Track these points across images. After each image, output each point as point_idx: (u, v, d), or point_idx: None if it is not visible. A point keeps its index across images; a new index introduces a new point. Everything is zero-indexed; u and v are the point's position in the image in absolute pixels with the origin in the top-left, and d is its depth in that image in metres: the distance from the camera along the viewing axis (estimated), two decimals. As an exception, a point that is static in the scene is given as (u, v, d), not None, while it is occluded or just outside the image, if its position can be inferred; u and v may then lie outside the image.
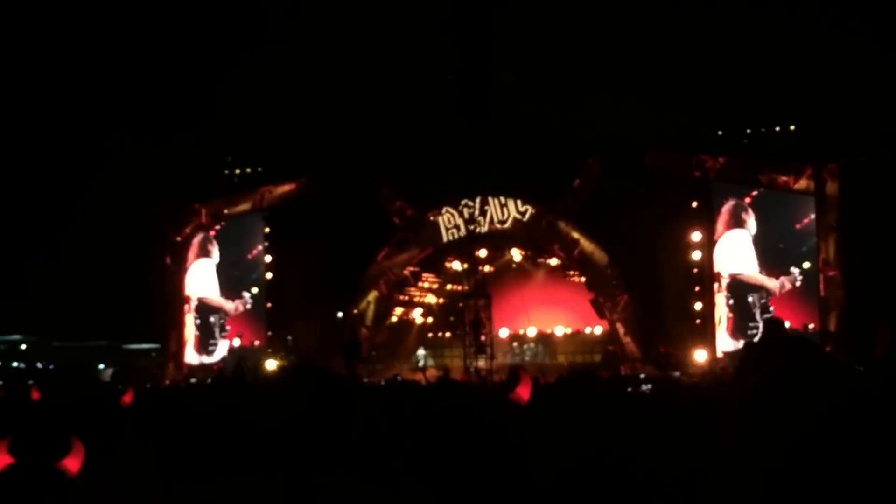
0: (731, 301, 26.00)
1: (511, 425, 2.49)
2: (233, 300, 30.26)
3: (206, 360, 29.91)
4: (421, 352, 31.96)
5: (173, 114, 27.02)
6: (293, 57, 27.04)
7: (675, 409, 5.44)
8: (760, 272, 25.67)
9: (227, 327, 30.11)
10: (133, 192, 27.52)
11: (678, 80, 24.97)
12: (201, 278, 30.35)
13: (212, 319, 30.17)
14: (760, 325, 25.06)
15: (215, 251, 30.41)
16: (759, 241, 25.94)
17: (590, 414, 5.51)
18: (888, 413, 1.27)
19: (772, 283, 25.41)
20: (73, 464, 3.39)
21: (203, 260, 30.42)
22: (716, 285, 26.39)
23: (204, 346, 30.08)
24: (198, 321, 30.24)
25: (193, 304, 30.37)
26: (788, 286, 25.20)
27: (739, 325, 25.64)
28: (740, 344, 24.93)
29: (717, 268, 26.37)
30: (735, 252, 26.08)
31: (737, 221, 26.19)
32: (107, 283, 26.95)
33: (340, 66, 27.01)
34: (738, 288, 25.96)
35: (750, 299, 25.58)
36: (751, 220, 25.90)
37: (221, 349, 29.99)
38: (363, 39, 26.74)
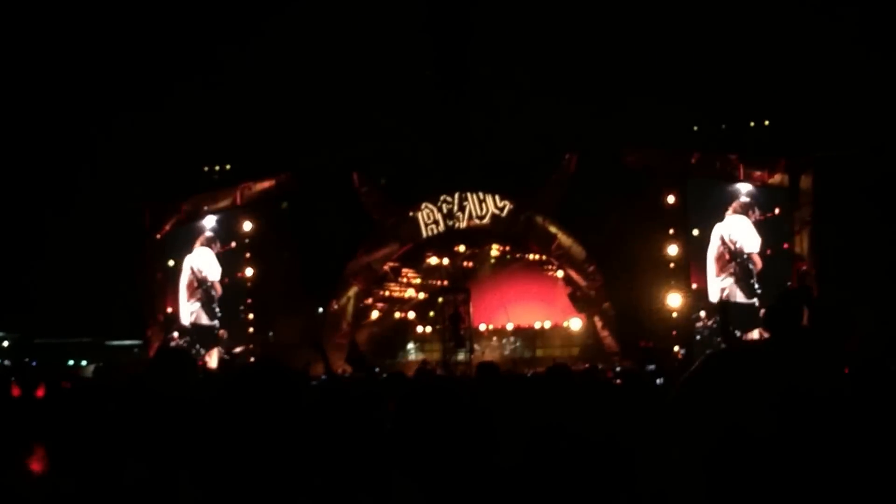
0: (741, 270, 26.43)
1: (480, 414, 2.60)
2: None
3: (207, 322, 30.21)
4: (411, 346, 32.18)
5: (153, 110, 27.03)
6: (273, 52, 27.12)
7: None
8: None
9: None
10: (113, 189, 27.52)
11: (654, 76, 25.17)
12: (206, 262, 30.49)
13: (213, 293, 30.36)
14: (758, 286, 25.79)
15: (213, 243, 30.56)
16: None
17: (567, 404, 5.73)
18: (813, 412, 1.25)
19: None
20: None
21: (205, 248, 30.53)
22: (725, 257, 26.64)
23: (211, 312, 30.22)
24: (204, 297, 30.43)
25: (202, 282, 30.51)
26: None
27: (747, 285, 26.07)
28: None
29: (739, 245, 26.55)
30: (746, 234, 26.49)
31: (742, 210, 26.63)
32: (88, 279, 26.96)
33: (320, 61, 27.09)
34: (746, 263, 26.41)
35: (751, 267, 26.20)
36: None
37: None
38: (342, 34, 26.84)
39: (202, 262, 30.41)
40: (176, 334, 30.20)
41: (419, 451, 2.36)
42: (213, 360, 29.25)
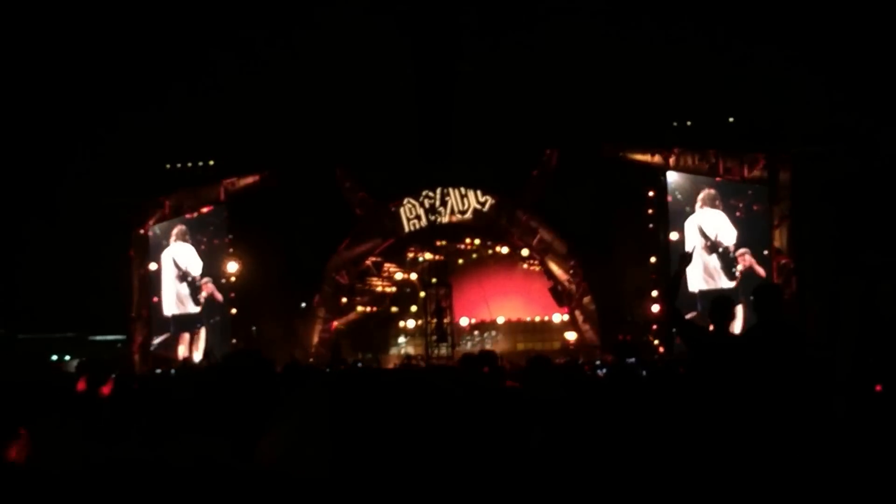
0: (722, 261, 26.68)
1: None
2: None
3: (193, 310, 30.41)
4: (393, 340, 32.35)
5: (138, 107, 27.06)
6: (254, 49, 27.15)
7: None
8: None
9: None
10: (96, 184, 27.55)
11: (634, 72, 25.32)
12: (188, 257, 30.54)
13: (197, 285, 30.43)
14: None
15: (191, 240, 30.64)
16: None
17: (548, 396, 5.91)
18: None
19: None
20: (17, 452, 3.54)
21: (185, 244, 30.59)
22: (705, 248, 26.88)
23: (196, 300, 30.30)
24: (190, 289, 30.49)
25: (185, 275, 30.54)
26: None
27: (728, 273, 26.31)
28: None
29: (719, 238, 26.75)
30: (723, 227, 26.75)
31: (710, 203, 26.88)
32: (72, 275, 26.98)
33: (301, 57, 27.15)
34: (726, 254, 26.68)
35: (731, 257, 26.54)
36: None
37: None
38: (323, 30, 26.90)
39: (184, 257, 30.49)
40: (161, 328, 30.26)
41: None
42: (197, 353, 29.38)
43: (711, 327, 8.24)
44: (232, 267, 29.62)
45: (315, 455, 1.24)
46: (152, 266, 30.32)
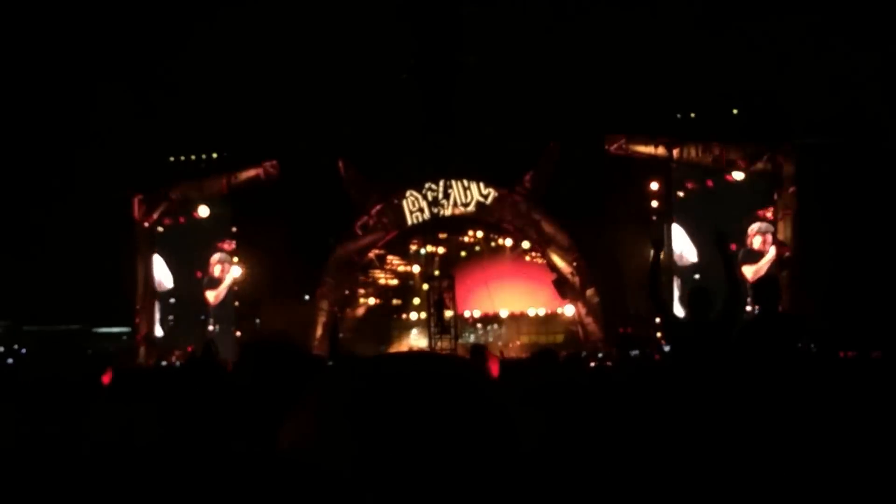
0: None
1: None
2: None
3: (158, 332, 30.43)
4: (396, 333, 32.36)
5: (140, 99, 27.07)
6: (258, 40, 27.14)
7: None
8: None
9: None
10: (102, 177, 27.57)
11: (637, 63, 25.31)
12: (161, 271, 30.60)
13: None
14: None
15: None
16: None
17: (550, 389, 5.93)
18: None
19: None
20: None
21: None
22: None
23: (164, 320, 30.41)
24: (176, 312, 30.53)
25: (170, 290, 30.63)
26: None
27: None
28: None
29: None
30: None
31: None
32: (77, 268, 27.03)
33: (304, 50, 27.15)
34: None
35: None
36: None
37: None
38: (326, 21, 26.89)
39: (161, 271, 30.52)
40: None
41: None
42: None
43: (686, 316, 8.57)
44: (234, 259, 29.71)
45: (337, 446, 1.23)
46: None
